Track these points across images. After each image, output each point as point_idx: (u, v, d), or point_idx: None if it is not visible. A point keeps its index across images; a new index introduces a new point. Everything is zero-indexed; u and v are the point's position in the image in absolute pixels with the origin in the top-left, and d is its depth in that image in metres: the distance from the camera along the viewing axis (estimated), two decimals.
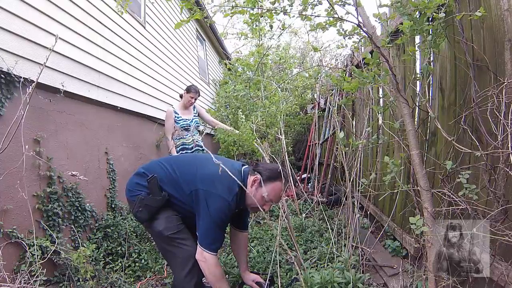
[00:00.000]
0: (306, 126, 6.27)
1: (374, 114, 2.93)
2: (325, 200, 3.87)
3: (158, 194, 1.68)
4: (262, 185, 1.64)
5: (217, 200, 1.59)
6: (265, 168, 1.68)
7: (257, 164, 1.74)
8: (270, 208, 1.99)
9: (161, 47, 4.68)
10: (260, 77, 4.77)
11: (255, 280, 1.88)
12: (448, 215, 1.44)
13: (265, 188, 1.63)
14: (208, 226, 1.61)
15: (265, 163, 1.75)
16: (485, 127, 1.36)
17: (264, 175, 1.65)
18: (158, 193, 1.68)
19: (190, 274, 1.64)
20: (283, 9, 1.67)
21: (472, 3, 1.56)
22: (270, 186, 1.65)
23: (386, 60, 1.52)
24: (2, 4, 1.97)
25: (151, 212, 1.68)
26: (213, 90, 8.05)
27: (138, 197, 1.70)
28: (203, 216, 1.61)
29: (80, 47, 2.72)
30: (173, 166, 1.76)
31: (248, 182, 1.68)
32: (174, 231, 1.67)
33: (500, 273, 1.32)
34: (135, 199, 1.71)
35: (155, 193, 1.68)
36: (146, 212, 1.68)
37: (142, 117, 3.93)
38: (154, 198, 1.68)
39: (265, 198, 1.65)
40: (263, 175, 1.65)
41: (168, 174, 1.73)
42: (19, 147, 1.91)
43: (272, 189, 1.65)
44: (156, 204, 1.68)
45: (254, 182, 1.66)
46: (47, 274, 1.97)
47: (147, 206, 1.68)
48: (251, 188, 1.66)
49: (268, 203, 1.68)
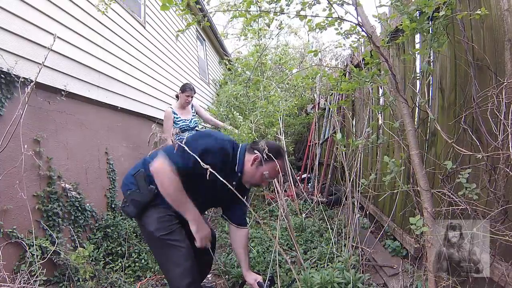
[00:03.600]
0: (306, 126, 6.27)
1: (374, 114, 2.93)
2: (325, 200, 3.87)
3: (145, 188, 1.65)
4: (263, 164, 1.65)
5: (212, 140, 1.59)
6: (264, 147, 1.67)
7: (255, 143, 1.73)
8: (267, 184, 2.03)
9: (161, 47, 4.68)
10: (260, 77, 4.77)
11: (257, 279, 1.88)
12: (448, 215, 1.43)
13: (265, 167, 1.65)
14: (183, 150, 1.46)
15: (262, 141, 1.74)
16: (485, 127, 1.36)
17: (264, 153, 1.64)
18: (144, 187, 1.65)
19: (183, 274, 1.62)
20: (281, 10, 1.67)
21: (472, 3, 1.56)
22: (270, 164, 1.65)
23: (385, 59, 1.52)
24: (2, 4, 1.97)
25: (139, 207, 1.66)
26: (213, 90, 8.05)
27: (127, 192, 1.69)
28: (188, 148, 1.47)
29: (80, 47, 2.72)
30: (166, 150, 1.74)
31: (248, 160, 1.68)
32: (165, 232, 1.64)
33: (500, 273, 1.32)
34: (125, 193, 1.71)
35: (142, 188, 1.66)
36: (133, 207, 1.66)
37: (142, 117, 3.93)
38: (141, 193, 1.66)
39: (264, 176, 1.66)
40: (263, 154, 1.64)
41: None
42: (19, 147, 1.91)
43: (272, 167, 1.67)
44: (143, 199, 1.65)
45: (255, 160, 1.66)
46: (47, 274, 1.97)
47: (134, 201, 1.65)
48: (251, 166, 1.67)
49: (266, 181, 1.72)
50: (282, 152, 1.72)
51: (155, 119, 4.10)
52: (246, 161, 1.68)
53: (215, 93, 7.98)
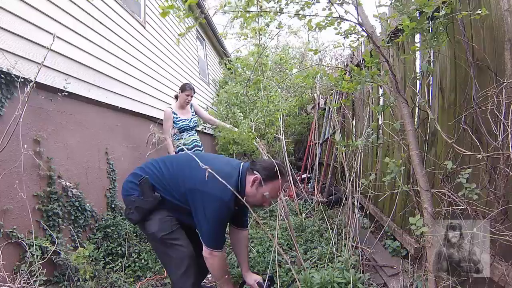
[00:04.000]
0: (306, 126, 6.27)
1: (374, 114, 2.92)
2: (325, 200, 3.87)
3: (150, 195, 1.67)
4: (262, 185, 1.64)
5: (214, 201, 1.57)
6: (263, 167, 1.68)
7: (254, 163, 1.73)
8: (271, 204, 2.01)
9: (161, 47, 4.68)
10: (260, 77, 4.77)
11: (256, 280, 1.88)
12: (448, 215, 1.43)
13: (265, 187, 1.64)
14: (210, 229, 1.61)
15: (261, 161, 1.74)
16: (485, 127, 1.36)
17: (263, 174, 1.65)
18: (149, 194, 1.67)
19: (186, 274, 1.64)
20: (280, 9, 1.67)
21: (472, 2, 1.56)
22: (270, 185, 1.66)
23: (385, 59, 1.52)
24: (3, 4, 1.97)
25: (143, 213, 1.67)
26: (213, 90, 8.04)
27: (130, 198, 1.70)
28: (202, 219, 1.60)
29: (80, 47, 2.72)
30: (167, 165, 1.75)
31: (248, 181, 1.67)
32: (167, 232, 1.66)
33: (500, 273, 1.32)
34: (128, 199, 1.71)
35: (146, 195, 1.67)
36: (137, 214, 1.67)
37: (142, 117, 3.93)
38: (146, 200, 1.66)
39: (265, 196, 1.66)
40: (262, 174, 1.65)
41: (163, 173, 1.72)
42: (19, 147, 1.91)
43: (272, 188, 1.67)
44: (147, 206, 1.66)
45: (254, 182, 1.66)
46: (47, 274, 1.97)
47: (138, 208, 1.67)
48: (251, 188, 1.66)
49: (268, 200, 1.71)
50: (282, 170, 1.68)
51: (155, 119, 4.10)
52: (246, 183, 1.67)
53: (215, 93, 7.97)
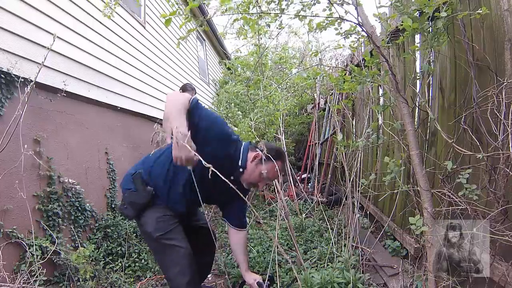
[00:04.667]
0: (306, 126, 6.27)
1: (374, 114, 2.92)
2: (325, 200, 3.87)
3: (143, 189, 1.66)
4: (263, 162, 1.63)
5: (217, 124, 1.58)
6: (266, 147, 1.67)
7: (257, 143, 1.74)
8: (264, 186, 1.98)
9: (161, 47, 4.68)
10: (260, 77, 4.77)
11: (256, 280, 1.88)
12: (448, 215, 1.43)
13: (265, 166, 1.63)
14: None
15: (266, 142, 1.74)
16: (485, 127, 1.36)
17: (265, 152, 1.64)
18: (142, 188, 1.66)
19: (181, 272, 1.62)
20: (281, 10, 1.67)
21: (472, 3, 1.56)
22: (270, 164, 1.64)
23: (385, 59, 1.52)
24: (3, 4, 1.97)
25: (137, 208, 1.67)
26: (213, 90, 8.04)
27: (125, 193, 1.70)
28: None
29: (80, 47, 2.72)
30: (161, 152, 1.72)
31: (249, 157, 1.66)
32: (163, 232, 1.64)
33: (500, 273, 1.32)
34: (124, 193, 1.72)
35: (139, 189, 1.67)
36: (131, 209, 1.67)
37: (142, 117, 3.93)
38: (138, 194, 1.67)
39: (263, 175, 1.64)
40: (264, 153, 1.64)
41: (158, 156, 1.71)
42: (19, 147, 1.91)
43: (271, 167, 1.65)
44: (141, 201, 1.66)
45: (255, 158, 1.65)
46: (47, 274, 1.97)
47: (132, 203, 1.67)
48: (251, 163, 1.65)
49: (263, 181, 1.68)
50: (283, 155, 1.70)
51: (155, 119, 4.10)
52: (248, 158, 1.66)
53: (215, 93, 7.97)
